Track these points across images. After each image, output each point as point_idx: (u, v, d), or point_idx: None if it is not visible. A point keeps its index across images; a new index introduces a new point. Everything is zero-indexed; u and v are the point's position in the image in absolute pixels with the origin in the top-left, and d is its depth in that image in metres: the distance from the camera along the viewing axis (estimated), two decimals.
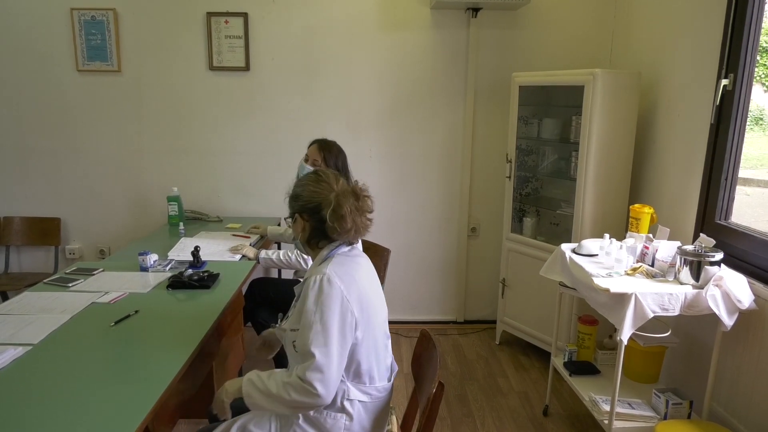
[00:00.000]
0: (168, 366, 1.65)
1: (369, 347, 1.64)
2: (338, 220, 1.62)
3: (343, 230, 1.63)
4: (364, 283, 1.65)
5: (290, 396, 1.51)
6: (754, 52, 2.38)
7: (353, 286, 1.59)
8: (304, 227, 1.70)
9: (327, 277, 1.56)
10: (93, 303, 2.12)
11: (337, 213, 1.62)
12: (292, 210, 1.72)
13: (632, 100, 3.00)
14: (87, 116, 3.68)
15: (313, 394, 1.49)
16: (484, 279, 3.97)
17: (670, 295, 2.14)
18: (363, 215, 1.67)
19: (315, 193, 1.66)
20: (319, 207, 1.64)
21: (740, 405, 2.31)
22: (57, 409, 1.42)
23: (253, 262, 2.72)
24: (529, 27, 3.63)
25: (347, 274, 1.61)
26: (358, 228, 1.66)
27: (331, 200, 1.63)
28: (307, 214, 1.67)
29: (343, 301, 1.55)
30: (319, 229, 1.67)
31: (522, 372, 3.35)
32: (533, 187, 3.69)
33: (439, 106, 3.72)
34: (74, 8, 3.51)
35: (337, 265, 1.61)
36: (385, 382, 1.74)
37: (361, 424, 1.69)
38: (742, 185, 2.58)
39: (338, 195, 1.64)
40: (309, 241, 1.72)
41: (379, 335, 1.70)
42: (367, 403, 1.69)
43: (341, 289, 1.56)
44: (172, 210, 3.46)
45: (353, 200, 1.65)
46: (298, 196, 1.69)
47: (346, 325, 1.55)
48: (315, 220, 1.66)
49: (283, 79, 3.66)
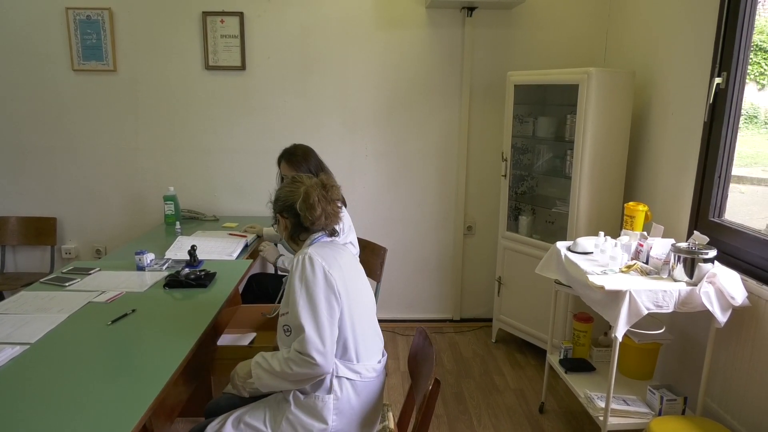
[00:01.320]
0: (165, 364, 1.65)
1: (355, 324, 1.75)
2: (308, 209, 1.79)
3: (314, 217, 1.79)
4: (345, 266, 1.79)
5: (292, 370, 1.64)
6: (747, 51, 2.40)
7: (334, 265, 1.73)
8: (286, 225, 1.87)
9: (308, 256, 1.71)
10: (90, 302, 2.12)
11: (307, 202, 1.79)
12: (274, 212, 1.91)
13: (626, 98, 3.02)
14: (83, 116, 3.68)
15: (312, 363, 1.62)
16: (480, 277, 3.98)
17: (665, 292, 2.15)
18: (331, 203, 1.84)
19: (290, 192, 1.84)
20: (293, 203, 1.81)
21: (734, 401, 2.33)
22: (54, 408, 1.42)
23: (249, 262, 2.73)
24: (524, 26, 3.64)
25: (328, 255, 1.75)
26: (327, 214, 1.82)
27: (300, 193, 1.81)
28: (286, 212, 1.84)
29: (325, 275, 1.69)
30: (297, 223, 1.83)
31: (518, 369, 3.36)
32: (529, 185, 3.70)
33: (435, 105, 3.73)
34: (69, 7, 3.50)
35: (317, 248, 1.77)
36: (374, 363, 1.81)
37: (350, 404, 1.75)
38: (736, 183, 2.60)
39: (307, 187, 1.82)
40: (292, 237, 1.88)
41: (365, 315, 1.80)
42: (356, 382, 1.76)
43: (322, 265, 1.70)
44: (168, 209, 3.46)
45: (321, 190, 1.83)
46: (278, 198, 1.88)
47: (331, 297, 1.68)
48: (292, 215, 1.83)
49: (279, 78, 3.66)
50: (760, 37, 3.02)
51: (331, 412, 1.72)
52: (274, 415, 1.74)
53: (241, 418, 1.74)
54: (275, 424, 1.72)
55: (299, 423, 1.71)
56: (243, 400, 1.89)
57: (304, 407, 1.72)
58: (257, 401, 1.83)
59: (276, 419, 1.73)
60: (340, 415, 1.73)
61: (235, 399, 1.94)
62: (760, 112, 3.65)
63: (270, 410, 1.76)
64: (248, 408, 1.79)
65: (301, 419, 1.71)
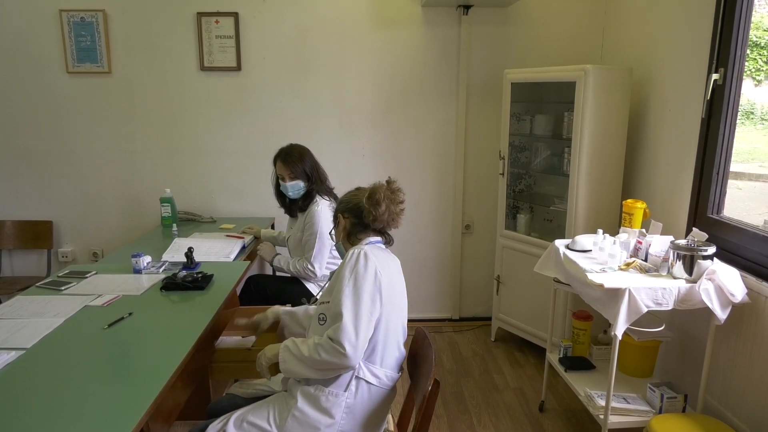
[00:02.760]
0: (163, 368, 1.64)
1: (387, 330, 1.74)
2: (374, 205, 1.81)
3: (378, 213, 1.80)
4: (393, 273, 1.80)
5: (320, 356, 1.63)
6: (744, 47, 2.39)
7: (385, 267, 1.74)
8: (345, 225, 1.89)
9: (364, 252, 1.72)
10: (86, 306, 2.11)
11: (372, 198, 1.82)
12: (335, 214, 1.94)
13: (624, 95, 3.01)
14: (78, 118, 3.66)
15: (341, 354, 1.60)
16: (479, 276, 3.97)
17: (664, 289, 2.15)
18: (396, 204, 1.85)
19: (354, 195, 1.90)
20: (358, 202, 1.85)
21: (734, 398, 2.33)
22: (51, 414, 1.41)
23: (247, 263, 2.72)
24: (521, 24, 3.63)
25: (381, 257, 1.76)
26: (392, 213, 1.84)
27: (367, 191, 1.86)
28: (348, 212, 1.88)
29: (376, 274, 1.69)
30: (358, 223, 1.86)
31: (517, 368, 3.36)
32: (526, 183, 3.69)
33: (432, 104, 3.72)
34: (63, 9, 3.48)
35: (373, 248, 1.78)
36: (393, 372, 1.80)
37: (362, 407, 1.74)
38: (733, 179, 2.59)
39: (374, 186, 1.86)
40: (349, 236, 1.89)
41: (398, 325, 1.81)
42: (373, 386, 1.75)
43: (375, 264, 1.70)
44: (165, 211, 3.44)
45: (387, 190, 1.84)
46: (341, 202, 1.93)
47: (376, 296, 1.68)
48: (353, 214, 1.86)
49: (275, 78, 3.65)
50: (756, 32, 3.01)
51: (342, 409, 1.70)
52: (280, 413, 1.72)
53: (244, 417, 1.73)
54: (281, 421, 1.70)
55: (306, 419, 1.69)
56: (245, 401, 1.88)
57: (312, 401, 1.71)
58: (261, 401, 1.82)
59: (282, 416, 1.71)
60: (350, 414, 1.72)
61: (237, 399, 1.93)
62: (757, 108, 3.65)
63: (274, 408, 1.74)
64: (251, 407, 1.78)
65: (307, 415, 1.69)
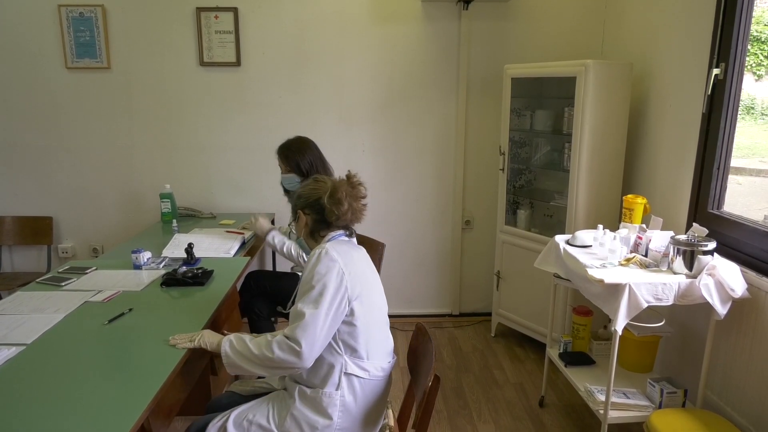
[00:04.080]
0: (163, 364, 1.64)
1: (367, 323, 1.73)
2: (335, 204, 1.77)
3: (341, 212, 1.77)
4: (361, 265, 1.78)
5: (273, 353, 1.60)
6: (745, 42, 2.38)
7: (350, 263, 1.71)
8: (306, 222, 1.85)
9: (325, 250, 1.70)
10: (86, 302, 2.11)
11: (334, 197, 1.78)
12: (294, 209, 1.89)
13: (624, 90, 3.00)
14: (77, 114, 3.65)
15: (297, 351, 1.59)
16: (479, 272, 3.97)
17: (664, 284, 2.15)
18: (357, 200, 1.83)
19: (314, 190, 1.83)
20: (318, 198, 1.80)
21: (734, 393, 2.33)
22: (52, 409, 1.41)
23: (247, 259, 2.71)
24: (521, 18, 3.62)
25: (345, 252, 1.73)
26: (354, 211, 1.81)
27: (328, 188, 1.80)
28: (308, 208, 1.83)
29: (338, 272, 1.66)
30: (320, 220, 1.81)
31: (517, 364, 3.36)
32: (527, 179, 3.69)
33: (432, 99, 3.71)
34: (62, 5, 3.47)
35: (336, 244, 1.75)
36: (383, 363, 1.80)
37: (356, 402, 1.74)
38: (733, 174, 2.59)
39: (334, 183, 1.82)
40: (312, 233, 1.86)
41: (377, 315, 1.79)
42: (364, 380, 1.74)
43: (338, 261, 1.68)
44: (165, 207, 3.44)
45: (348, 186, 1.81)
46: (300, 195, 1.86)
47: (338, 295, 1.65)
48: (315, 211, 1.81)
49: (275, 73, 3.64)
50: (757, 27, 3.01)
51: (337, 408, 1.70)
52: (279, 411, 1.73)
53: (244, 415, 1.73)
54: (280, 420, 1.71)
55: (304, 419, 1.70)
56: (244, 398, 1.89)
57: (309, 403, 1.71)
58: (260, 398, 1.82)
59: (280, 415, 1.72)
60: (346, 412, 1.72)
61: (236, 397, 1.93)
62: (757, 103, 3.64)
63: (274, 407, 1.75)
64: (251, 405, 1.78)
65: (306, 415, 1.70)
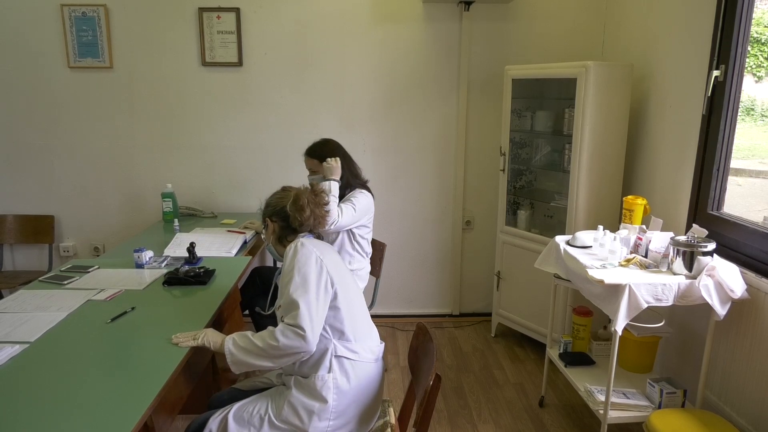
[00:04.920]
0: (166, 362, 1.65)
1: (349, 306, 1.82)
2: (298, 210, 1.88)
3: (303, 218, 1.88)
4: (335, 257, 1.91)
5: (279, 341, 1.67)
6: (745, 43, 2.39)
7: (325, 253, 1.84)
8: (273, 229, 1.95)
9: (301, 243, 1.81)
10: (89, 300, 2.12)
11: (297, 204, 1.89)
12: (263, 218, 1.98)
13: (624, 92, 3.01)
14: (79, 113, 3.66)
15: (301, 336, 1.66)
16: (479, 272, 3.98)
17: (664, 285, 2.16)
18: (320, 207, 1.95)
19: (280, 198, 1.95)
20: (284, 206, 1.91)
21: (733, 393, 2.34)
22: (55, 407, 1.42)
23: (248, 258, 2.72)
24: (522, 20, 3.63)
25: (318, 244, 1.87)
26: (316, 217, 1.92)
27: (291, 196, 1.92)
28: (275, 215, 1.93)
29: (317, 259, 1.77)
30: (286, 226, 1.92)
31: (517, 364, 3.37)
32: (527, 179, 3.70)
33: (433, 100, 3.72)
34: (64, 4, 3.48)
35: (306, 239, 1.87)
36: (371, 345, 1.87)
37: (350, 384, 1.79)
38: (733, 176, 2.60)
39: (297, 191, 1.94)
40: (279, 239, 1.96)
41: (356, 299, 1.89)
42: (355, 362, 1.80)
43: (314, 251, 1.79)
44: (166, 206, 3.45)
45: (311, 194, 1.94)
46: (268, 205, 1.98)
47: (322, 277, 1.75)
48: (281, 218, 1.92)
49: (276, 74, 3.65)
50: (757, 29, 3.02)
51: (331, 390, 1.76)
52: (277, 402, 1.78)
53: (243, 408, 1.78)
54: (278, 410, 1.76)
55: (300, 404, 1.75)
56: (246, 394, 1.91)
57: (304, 389, 1.77)
58: (259, 394, 1.86)
59: (278, 405, 1.77)
60: (340, 395, 1.76)
61: (238, 392, 1.95)
62: (757, 105, 3.65)
63: (272, 400, 1.80)
64: (251, 399, 1.83)
65: (301, 400, 1.75)
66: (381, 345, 1.93)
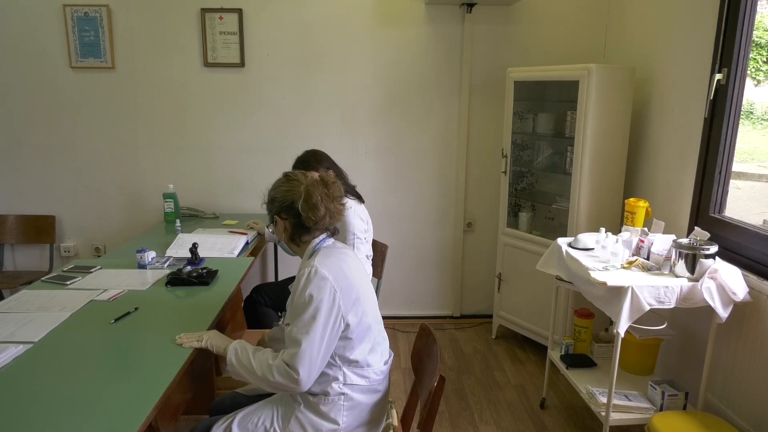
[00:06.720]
0: (170, 363, 1.65)
1: (363, 333, 1.71)
2: (311, 209, 1.70)
3: (318, 218, 1.71)
4: (352, 274, 1.71)
5: (273, 378, 1.60)
6: (748, 47, 2.40)
7: (341, 276, 1.66)
8: (285, 227, 1.77)
9: (315, 269, 1.64)
10: (92, 301, 2.12)
11: (309, 202, 1.70)
12: (270, 214, 1.80)
13: (626, 94, 3.02)
14: (81, 113, 3.66)
15: (295, 379, 1.58)
16: (481, 274, 3.98)
17: (666, 287, 2.16)
18: (334, 201, 1.75)
19: (287, 192, 1.74)
20: (292, 202, 1.72)
21: (735, 396, 2.35)
22: (59, 408, 1.42)
23: (251, 259, 2.72)
24: (524, 22, 3.64)
25: (335, 265, 1.67)
26: (331, 213, 1.74)
27: (301, 192, 1.71)
28: (284, 212, 1.75)
29: (330, 291, 1.62)
30: (298, 224, 1.74)
31: (519, 365, 3.37)
32: (528, 181, 3.71)
33: (434, 102, 3.73)
34: (67, 4, 3.48)
35: (324, 257, 1.68)
36: (381, 365, 1.79)
37: (360, 406, 1.75)
38: (733, 179, 2.60)
39: (307, 186, 1.73)
40: (292, 238, 1.79)
41: (372, 322, 1.76)
42: (365, 386, 1.75)
43: (329, 280, 1.62)
44: (168, 207, 3.45)
45: (323, 188, 1.74)
46: (273, 199, 1.77)
47: (332, 315, 1.62)
48: (292, 215, 1.74)
49: (278, 75, 3.65)
50: (757, 32, 3.02)
51: (342, 413, 1.71)
52: (284, 414, 1.74)
53: (248, 417, 1.74)
54: (284, 423, 1.72)
55: (309, 422, 1.70)
56: (248, 399, 1.89)
57: (313, 408, 1.71)
58: (264, 400, 1.82)
59: (286, 417, 1.73)
60: (350, 416, 1.73)
61: (240, 398, 1.94)
62: (756, 108, 3.66)
63: (278, 410, 1.75)
64: (255, 407, 1.79)
65: (310, 418, 1.70)
66: (390, 357, 1.86)
